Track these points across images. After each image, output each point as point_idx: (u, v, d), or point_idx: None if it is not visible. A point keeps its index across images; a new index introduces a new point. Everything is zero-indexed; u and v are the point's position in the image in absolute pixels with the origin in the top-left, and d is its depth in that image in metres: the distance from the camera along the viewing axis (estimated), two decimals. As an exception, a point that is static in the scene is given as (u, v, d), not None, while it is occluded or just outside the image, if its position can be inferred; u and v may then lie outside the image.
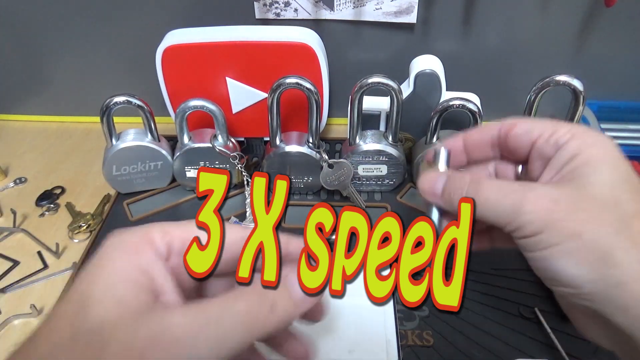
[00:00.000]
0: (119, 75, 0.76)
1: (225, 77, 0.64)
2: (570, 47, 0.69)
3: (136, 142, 0.61)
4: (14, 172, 0.71)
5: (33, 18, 0.70)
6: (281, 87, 0.55)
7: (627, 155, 0.25)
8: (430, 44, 0.69)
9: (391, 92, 0.56)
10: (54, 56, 0.74)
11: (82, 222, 0.61)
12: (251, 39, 0.61)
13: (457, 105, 0.57)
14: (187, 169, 0.63)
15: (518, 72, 0.71)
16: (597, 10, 0.65)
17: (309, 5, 0.65)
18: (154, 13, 0.68)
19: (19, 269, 0.56)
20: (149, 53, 0.62)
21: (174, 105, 0.66)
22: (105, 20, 0.69)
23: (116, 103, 0.58)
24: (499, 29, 0.67)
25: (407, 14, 0.65)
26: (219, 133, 0.61)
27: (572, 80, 0.55)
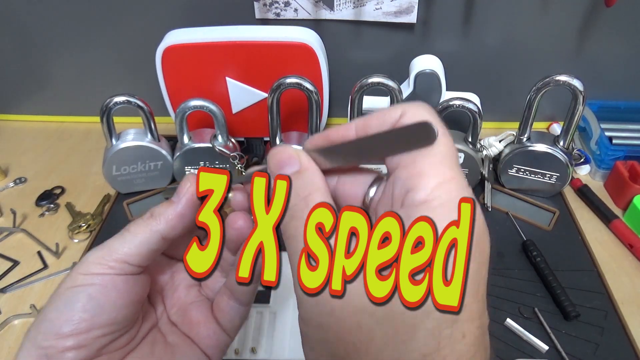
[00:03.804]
0: (119, 75, 0.76)
1: (225, 77, 0.64)
2: (570, 47, 0.69)
3: (136, 142, 0.61)
4: (14, 172, 0.71)
5: (33, 18, 0.70)
6: (281, 87, 0.55)
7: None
8: (430, 44, 0.69)
9: (391, 92, 0.56)
10: (54, 56, 0.74)
11: (82, 222, 0.61)
12: (251, 39, 0.61)
13: (457, 105, 0.57)
14: (187, 169, 0.63)
15: (518, 72, 0.71)
16: (597, 10, 0.65)
17: (309, 5, 0.65)
18: (154, 13, 0.68)
19: (19, 269, 0.56)
20: (149, 53, 0.62)
21: (174, 105, 0.66)
22: (106, 20, 0.69)
23: (116, 103, 0.58)
24: (499, 28, 0.67)
25: (407, 14, 0.65)
26: (219, 133, 0.61)
27: (572, 80, 0.55)
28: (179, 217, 0.27)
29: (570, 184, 0.66)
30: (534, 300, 0.51)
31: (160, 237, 0.27)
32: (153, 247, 0.27)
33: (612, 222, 0.60)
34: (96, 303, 0.26)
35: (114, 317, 0.26)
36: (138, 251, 0.27)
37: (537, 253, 0.55)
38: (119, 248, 0.27)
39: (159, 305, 0.32)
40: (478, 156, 0.61)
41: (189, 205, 0.28)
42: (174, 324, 0.31)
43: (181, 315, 0.31)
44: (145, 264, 0.28)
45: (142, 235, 0.27)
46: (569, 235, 0.60)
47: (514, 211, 0.62)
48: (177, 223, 0.28)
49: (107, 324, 0.26)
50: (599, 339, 0.48)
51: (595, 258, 0.56)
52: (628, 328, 0.49)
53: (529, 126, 0.60)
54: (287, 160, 0.24)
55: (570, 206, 0.63)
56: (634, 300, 0.51)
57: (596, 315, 0.50)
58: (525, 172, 0.63)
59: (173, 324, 0.31)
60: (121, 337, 0.27)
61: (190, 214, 0.28)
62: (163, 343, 0.30)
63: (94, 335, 0.25)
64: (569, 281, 0.52)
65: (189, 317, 0.31)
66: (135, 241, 0.27)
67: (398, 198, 0.22)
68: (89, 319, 0.25)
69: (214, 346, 0.30)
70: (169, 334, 0.30)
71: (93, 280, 0.26)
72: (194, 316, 0.31)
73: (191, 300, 0.31)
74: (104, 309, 0.26)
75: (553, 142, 0.61)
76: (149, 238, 0.27)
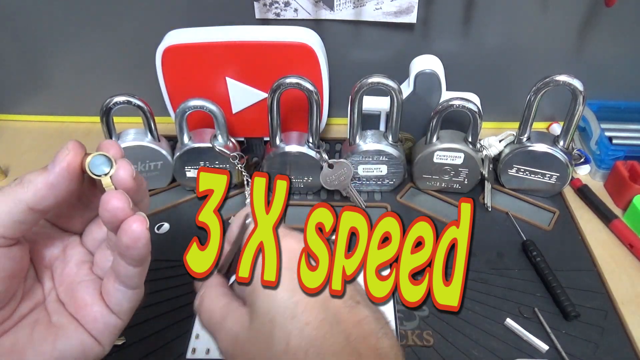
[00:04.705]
0: (119, 75, 0.76)
1: (225, 77, 0.64)
2: (570, 47, 0.69)
3: (136, 142, 0.61)
4: (14, 172, 0.71)
5: (33, 18, 0.70)
6: (281, 87, 0.55)
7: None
8: (430, 44, 0.69)
9: (391, 92, 0.56)
10: (54, 56, 0.74)
11: (82, 222, 0.61)
12: (251, 39, 0.61)
13: (457, 105, 0.57)
14: (187, 169, 0.63)
15: (518, 72, 0.71)
16: (597, 10, 0.65)
17: (309, 5, 0.65)
18: (154, 13, 0.68)
19: (19, 269, 0.56)
20: (149, 53, 0.62)
21: (174, 105, 0.66)
22: (105, 20, 0.69)
23: (116, 103, 0.58)
24: (499, 29, 0.67)
25: (407, 14, 0.65)
26: (219, 133, 0.61)
27: (572, 80, 0.55)
28: (50, 186, 0.25)
29: (570, 184, 0.66)
30: (534, 300, 0.51)
31: (27, 208, 0.25)
32: (18, 217, 0.25)
33: (612, 222, 0.60)
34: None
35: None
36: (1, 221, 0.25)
37: (537, 253, 0.55)
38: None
39: (47, 281, 0.29)
40: (478, 156, 0.61)
41: (63, 176, 0.25)
42: (62, 304, 0.29)
43: (69, 295, 0.29)
44: (12, 235, 0.25)
45: (6, 205, 0.25)
46: (569, 235, 0.60)
47: (514, 211, 0.62)
48: (48, 193, 0.25)
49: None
50: (599, 339, 0.48)
51: (595, 258, 0.56)
52: (628, 328, 0.49)
53: (529, 126, 0.61)
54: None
55: (570, 206, 0.63)
56: (634, 300, 0.51)
57: (596, 315, 0.50)
58: (525, 172, 0.63)
59: (61, 303, 0.29)
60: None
61: (63, 185, 0.26)
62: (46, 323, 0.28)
63: None
64: (569, 281, 0.52)
65: (76, 297, 0.29)
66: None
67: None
68: None
69: (103, 329, 0.28)
70: (54, 314, 0.28)
71: None
72: (81, 296, 0.29)
73: (81, 279, 0.29)
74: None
75: (553, 142, 0.61)
76: (12, 208, 0.25)
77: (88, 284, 0.29)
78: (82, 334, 0.28)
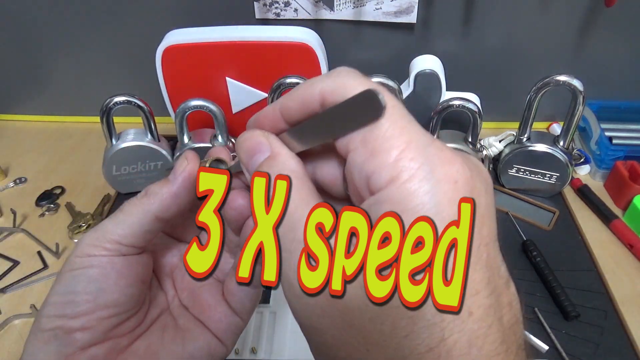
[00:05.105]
0: (119, 75, 0.76)
1: (225, 77, 0.64)
2: (570, 47, 0.69)
3: (136, 142, 0.61)
4: (14, 172, 0.71)
5: (33, 18, 0.70)
6: (281, 87, 0.55)
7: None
8: (430, 44, 0.69)
9: (391, 92, 0.56)
10: (54, 56, 0.74)
11: (82, 222, 0.61)
12: (251, 39, 0.61)
13: (457, 105, 0.57)
14: (187, 169, 0.63)
15: (518, 72, 0.71)
16: (597, 10, 0.65)
17: (309, 5, 0.65)
18: (154, 13, 0.68)
19: (19, 269, 0.56)
20: (149, 53, 0.62)
21: (174, 105, 0.66)
22: (105, 20, 0.69)
23: (116, 103, 0.58)
24: (499, 29, 0.67)
25: (407, 14, 0.65)
26: (219, 133, 0.61)
27: (572, 80, 0.55)
28: (174, 196, 0.27)
29: (570, 184, 0.66)
30: (534, 300, 0.51)
31: (154, 218, 0.27)
32: (147, 227, 0.27)
33: (612, 222, 0.60)
34: (96, 285, 0.25)
35: (116, 298, 0.26)
36: (131, 232, 0.26)
37: (537, 253, 0.55)
38: (112, 229, 0.26)
39: (169, 289, 0.31)
40: (478, 156, 0.61)
41: (185, 185, 0.27)
42: (186, 308, 0.30)
43: (192, 299, 0.31)
44: (140, 244, 0.27)
45: (136, 216, 0.26)
46: (569, 235, 0.60)
47: (514, 211, 0.62)
48: (172, 203, 0.27)
49: (110, 305, 0.26)
50: (598, 338, 0.48)
51: (595, 258, 0.56)
52: (628, 328, 0.49)
53: (529, 126, 0.61)
54: (256, 147, 0.24)
55: (570, 206, 0.63)
56: (634, 300, 0.51)
57: (596, 315, 0.50)
58: (525, 172, 0.63)
59: (184, 307, 0.31)
60: (128, 321, 0.27)
61: (185, 194, 0.27)
62: (173, 327, 0.29)
63: (98, 316, 0.25)
64: (569, 281, 0.52)
65: (199, 300, 0.30)
66: (128, 221, 0.26)
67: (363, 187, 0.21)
68: (91, 301, 0.25)
69: (226, 329, 0.30)
70: (179, 318, 0.30)
71: (90, 262, 0.26)
72: (204, 299, 0.30)
73: (202, 284, 0.31)
74: (105, 290, 0.26)
75: (553, 142, 0.61)
76: (141, 219, 0.26)
77: (210, 287, 0.31)
78: (207, 335, 0.29)
